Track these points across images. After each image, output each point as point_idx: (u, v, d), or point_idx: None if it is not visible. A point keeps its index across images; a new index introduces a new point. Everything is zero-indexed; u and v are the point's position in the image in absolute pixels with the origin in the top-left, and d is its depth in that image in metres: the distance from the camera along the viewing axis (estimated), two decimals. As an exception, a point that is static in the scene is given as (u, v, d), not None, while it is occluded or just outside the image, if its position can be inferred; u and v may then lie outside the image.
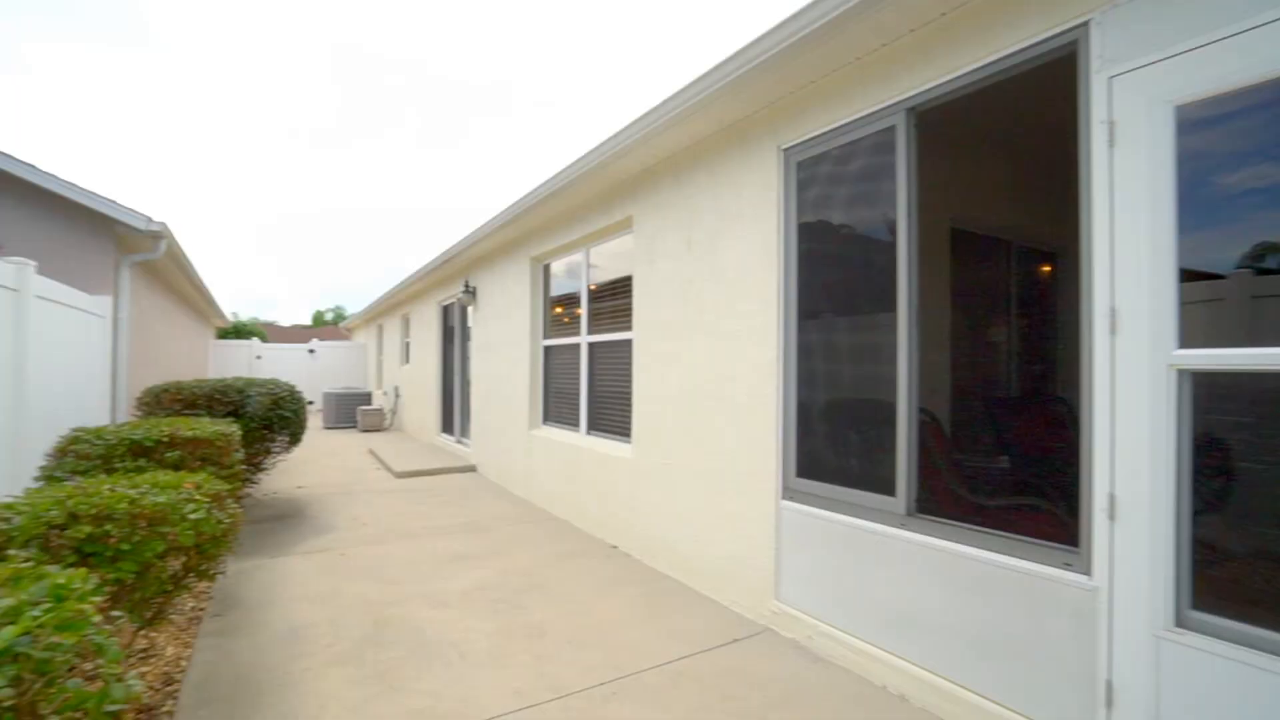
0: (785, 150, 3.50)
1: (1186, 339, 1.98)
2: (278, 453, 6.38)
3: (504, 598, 3.95)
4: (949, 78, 2.68)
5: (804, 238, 3.42)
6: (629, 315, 5.03)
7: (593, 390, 5.84)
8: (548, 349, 6.76)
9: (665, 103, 3.79)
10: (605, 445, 5.44)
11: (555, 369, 6.61)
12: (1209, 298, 2.19)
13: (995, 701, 2.46)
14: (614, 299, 5.50)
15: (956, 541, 2.63)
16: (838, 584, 3.13)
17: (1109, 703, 2.13)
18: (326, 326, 47.16)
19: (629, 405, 4.98)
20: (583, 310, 5.96)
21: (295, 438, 6.49)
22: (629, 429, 4.98)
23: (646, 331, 4.74)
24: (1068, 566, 2.25)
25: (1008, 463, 3.90)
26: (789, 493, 3.42)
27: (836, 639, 3.10)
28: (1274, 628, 1.84)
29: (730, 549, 3.83)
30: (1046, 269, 5.29)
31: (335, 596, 3.96)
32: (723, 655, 3.21)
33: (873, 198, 3.05)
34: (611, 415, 5.50)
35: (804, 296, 3.41)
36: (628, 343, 5.07)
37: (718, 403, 3.95)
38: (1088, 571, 2.19)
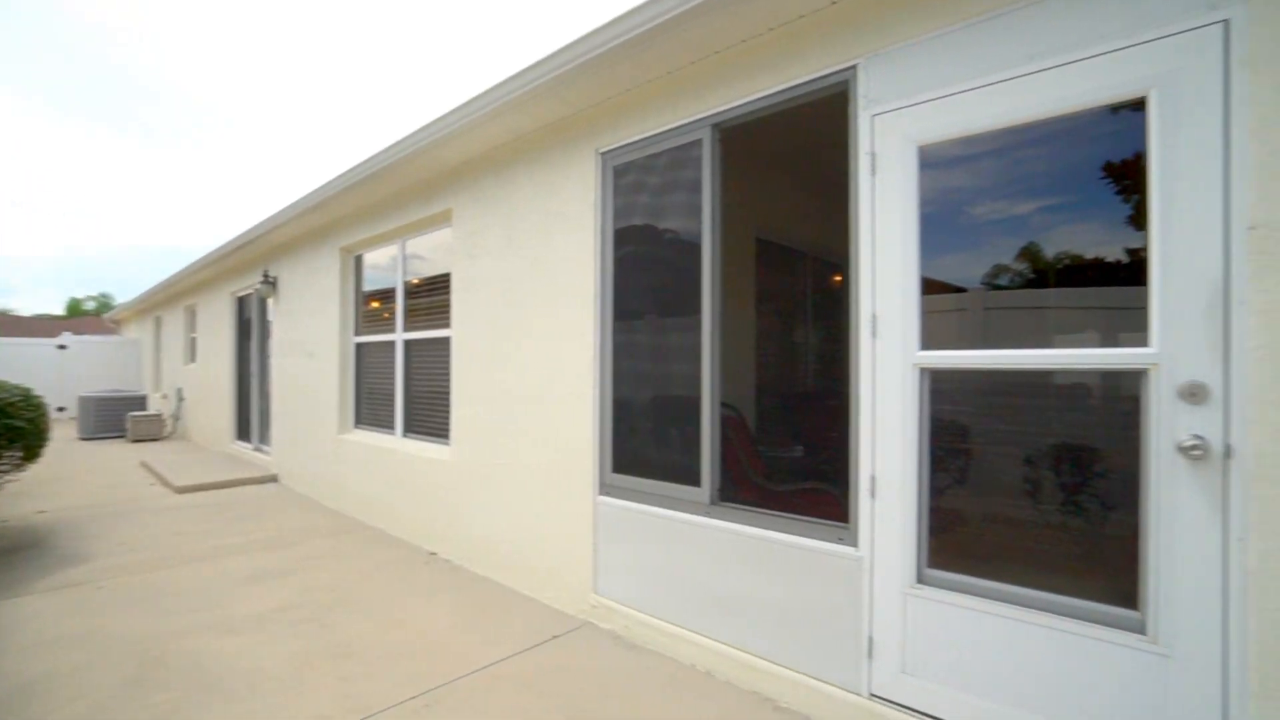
0: (603, 154, 3.59)
1: (934, 343, 2.35)
2: (3, 472, 5.24)
3: (308, 617, 3.61)
4: (750, 99, 2.92)
5: (620, 241, 3.53)
6: (448, 312, 4.84)
7: (410, 390, 5.54)
8: (360, 346, 6.28)
9: (486, 94, 3.70)
10: (423, 448, 5.19)
11: (369, 368, 6.17)
12: (956, 308, 2.61)
13: (785, 666, 2.73)
14: (433, 295, 5.26)
15: (754, 525, 2.88)
16: (651, 573, 3.28)
17: (870, 654, 2.47)
18: (86, 317, 39.65)
19: (448, 406, 4.80)
20: (399, 306, 5.63)
21: (31, 453, 5.37)
22: (448, 430, 4.80)
23: (467, 329, 4.59)
24: (840, 540, 2.57)
25: (801, 451, 4.37)
26: (606, 488, 3.52)
27: (651, 626, 3.25)
28: (990, 578, 2.25)
29: (551, 547, 3.85)
30: (838, 279, 5.99)
31: (90, 638, 3.35)
32: (542, 653, 3.21)
33: (682, 206, 3.23)
34: (430, 416, 5.26)
35: (620, 297, 3.52)
36: (447, 340, 4.88)
37: (538, 402, 3.94)
38: (855, 543, 2.52)
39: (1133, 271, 1.98)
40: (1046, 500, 2.30)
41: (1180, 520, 1.86)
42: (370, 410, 6.14)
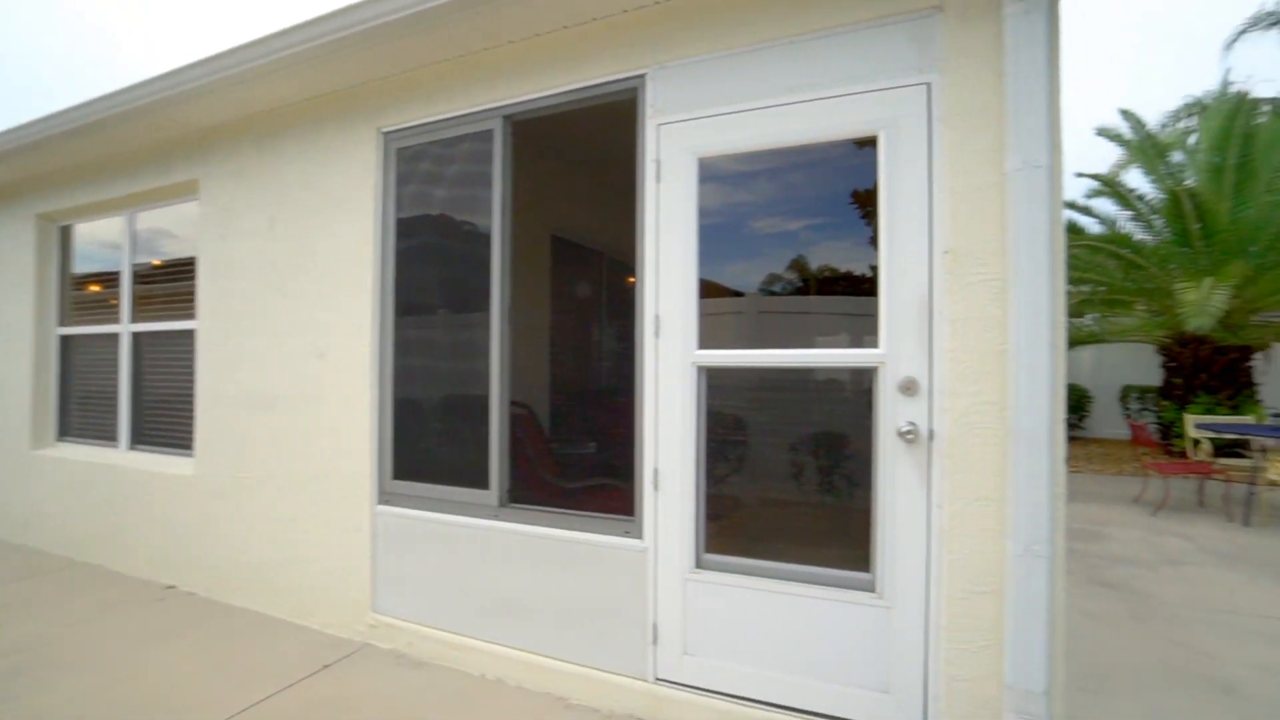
0: (386, 134, 3.32)
1: (714, 342, 2.53)
2: None
3: (-20, 689, 2.82)
4: (543, 94, 2.89)
5: (405, 230, 3.29)
6: (192, 301, 4.12)
7: (140, 394, 4.61)
8: (68, 340, 5.08)
9: (240, 51, 3.20)
10: (158, 462, 4.35)
11: (82, 367, 5.02)
12: (734, 311, 2.84)
13: (576, 663, 2.76)
14: (173, 280, 4.43)
15: (544, 525, 2.86)
16: (437, 584, 3.11)
17: (655, 640, 2.59)
18: None
19: (192, 411, 4.08)
20: (124, 291, 4.65)
21: None
22: (191, 440, 4.08)
23: (217, 321, 3.94)
24: (626, 533, 2.66)
25: (594, 447, 4.47)
26: (386, 496, 3.26)
27: (438, 640, 3.08)
28: (759, 556, 2.49)
29: (321, 565, 3.46)
30: (631, 280, 6.24)
31: None
32: (311, 686, 2.87)
33: (471, 197, 3.10)
34: (167, 424, 4.43)
35: (404, 291, 3.28)
36: (191, 334, 4.14)
37: (306, 404, 3.52)
38: (640, 536, 2.62)
39: (873, 284, 2.32)
40: (807, 482, 2.61)
41: (900, 493, 2.22)
42: (83, 419, 5.00)
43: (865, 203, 2.37)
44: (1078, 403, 10.76)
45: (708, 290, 2.60)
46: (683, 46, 2.58)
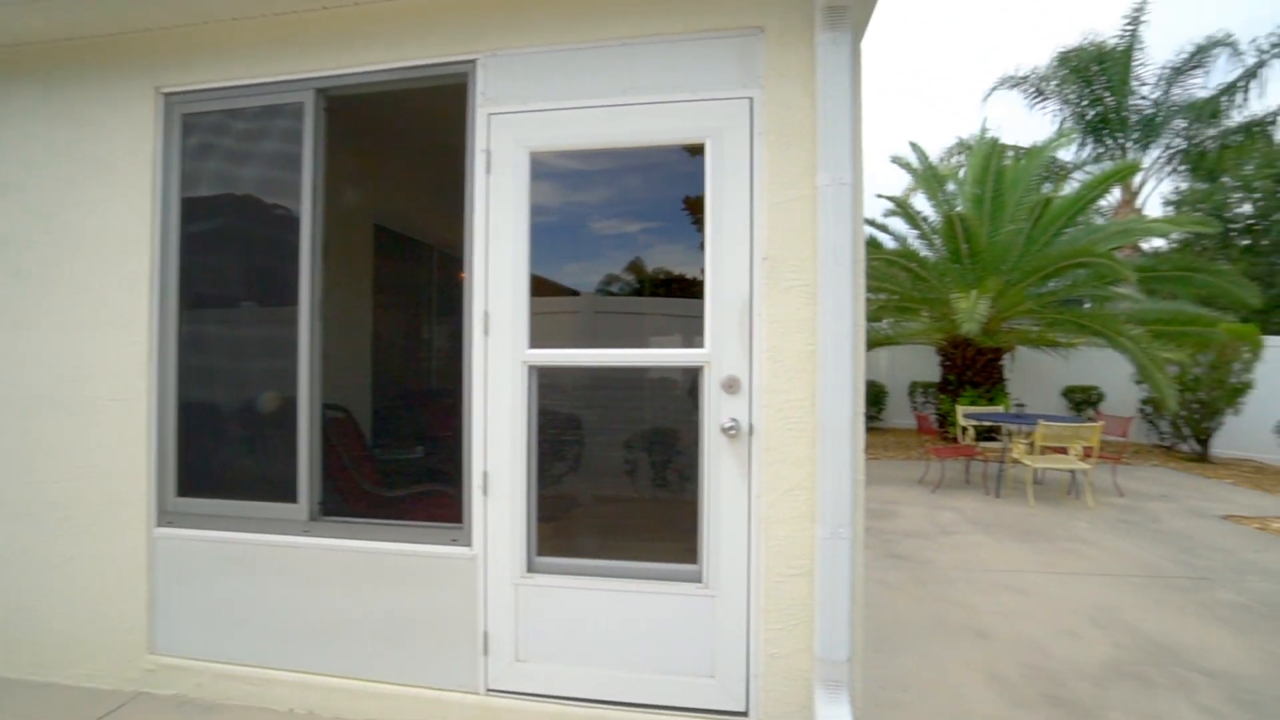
0: (168, 96, 2.84)
1: (549, 341, 2.47)
2: None
3: None
4: (365, 69, 2.65)
5: (196, 211, 2.85)
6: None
7: None
8: None
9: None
10: None
11: None
12: (571, 310, 2.80)
13: (401, 683, 2.56)
14: None
15: (362, 539, 2.62)
16: (235, 613, 2.73)
17: (486, 650, 2.49)
18: None
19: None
20: None
21: None
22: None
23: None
24: (454, 542, 2.53)
25: (422, 452, 4.22)
26: (168, 517, 2.79)
27: (236, 676, 2.70)
28: (593, 556, 2.48)
29: (79, 609, 2.88)
30: (463, 275, 5.98)
31: None
32: (58, 752, 2.38)
33: (279, 179, 2.77)
34: None
35: (191, 280, 2.84)
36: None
37: (58, 411, 2.91)
38: (469, 543, 2.50)
39: (703, 287, 2.40)
40: (639, 479, 2.65)
41: (724, 486, 2.33)
42: None
43: (696, 209, 2.46)
44: (876, 397, 12.21)
45: (544, 289, 2.55)
46: (516, 36, 2.50)
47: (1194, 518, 6.35)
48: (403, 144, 4.68)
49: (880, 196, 11.55)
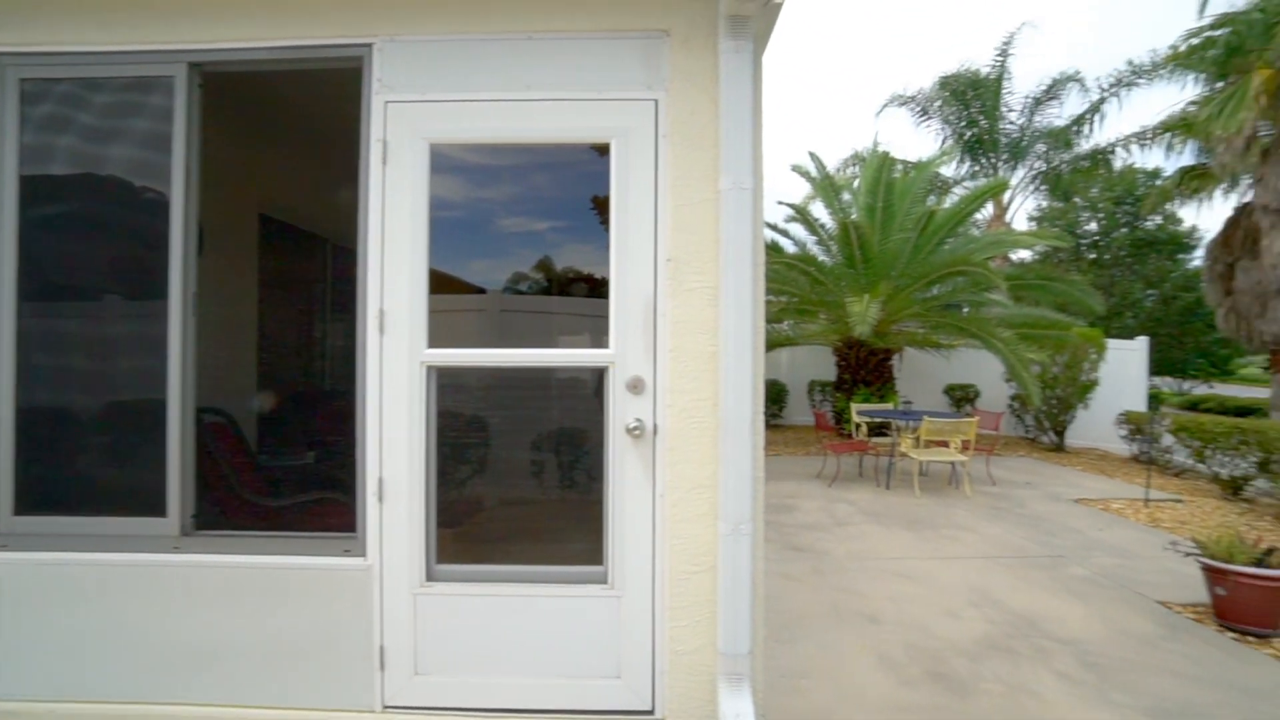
0: (3, 57, 2.50)
1: (453, 340, 2.39)
2: None
3: None
4: (248, 45, 2.45)
5: (40, 192, 2.52)
6: None
7: None
8: None
9: None
10: None
11: None
12: (476, 308, 2.71)
13: (291, 707, 2.39)
14: None
15: (244, 553, 2.42)
16: (91, 644, 2.44)
17: (382, 665, 2.37)
18: None
19: None
20: None
21: None
22: None
23: None
24: (347, 553, 2.38)
25: (313, 458, 3.96)
26: (2, 540, 2.46)
27: (93, 715, 2.42)
28: (498, 561, 2.43)
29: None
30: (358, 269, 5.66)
31: None
32: None
33: (146, 159, 2.51)
34: None
35: (36, 269, 2.51)
36: None
37: None
38: (363, 553, 2.37)
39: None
40: (546, 481, 2.61)
41: (629, 486, 2.34)
42: None
43: (605, 208, 2.45)
44: (777, 396, 12.71)
45: (448, 286, 2.47)
46: (416, 22, 2.40)
47: (1052, 502, 7.05)
48: (293, 129, 4.37)
49: (782, 203, 12.07)
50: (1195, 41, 11.87)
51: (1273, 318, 11.06)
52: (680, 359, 2.29)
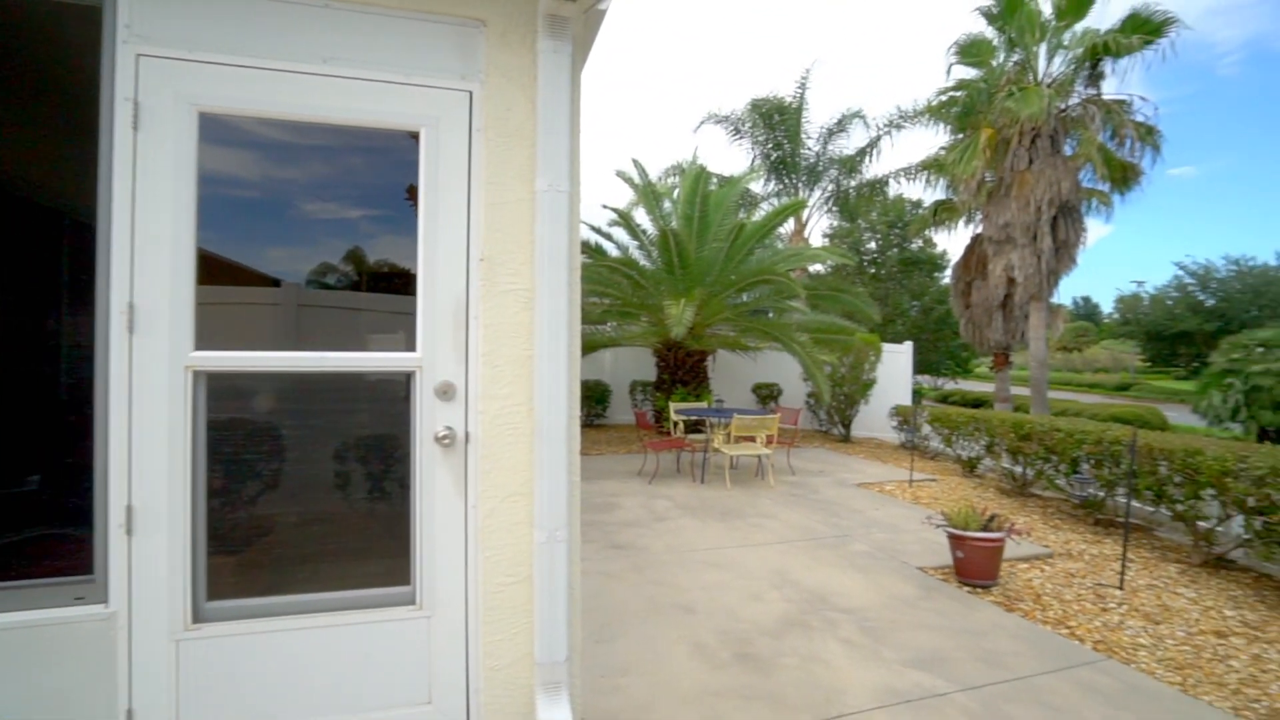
0: None
1: (236, 340, 2.08)
2: None
3: None
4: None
5: None
6: None
7: None
8: None
9: None
10: None
11: None
12: (269, 302, 2.36)
13: (-15, 802, 1.90)
14: None
15: (-79, 612, 1.89)
16: None
17: (131, 730, 1.98)
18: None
19: None
20: None
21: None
22: None
23: None
24: (80, 600, 1.96)
25: (37, 484, 3.22)
26: None
27: None
28: (285, 592, 2.13)
29: None
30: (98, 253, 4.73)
31: None
32: None
33: None
34: None
35: None
36: None
37: None
38: (105, 599, 1.96)
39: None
40: (347, 497, 2.36)
41: (439, 498, 2.19)
42: None
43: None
44: (601, 396, 12.92)
45: (236, 276, 2.17)
46: (178, -35, 2.04)
47: (840, 487, 7.97)
48: (14, 77, 3.52)
49: (606, 207, 12.30)
50: (944, 98, 14.25)
51: (996, 327, 13.58)
52: (493, 363, 2.20)
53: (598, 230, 12.71)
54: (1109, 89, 12.26)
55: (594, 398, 12.61)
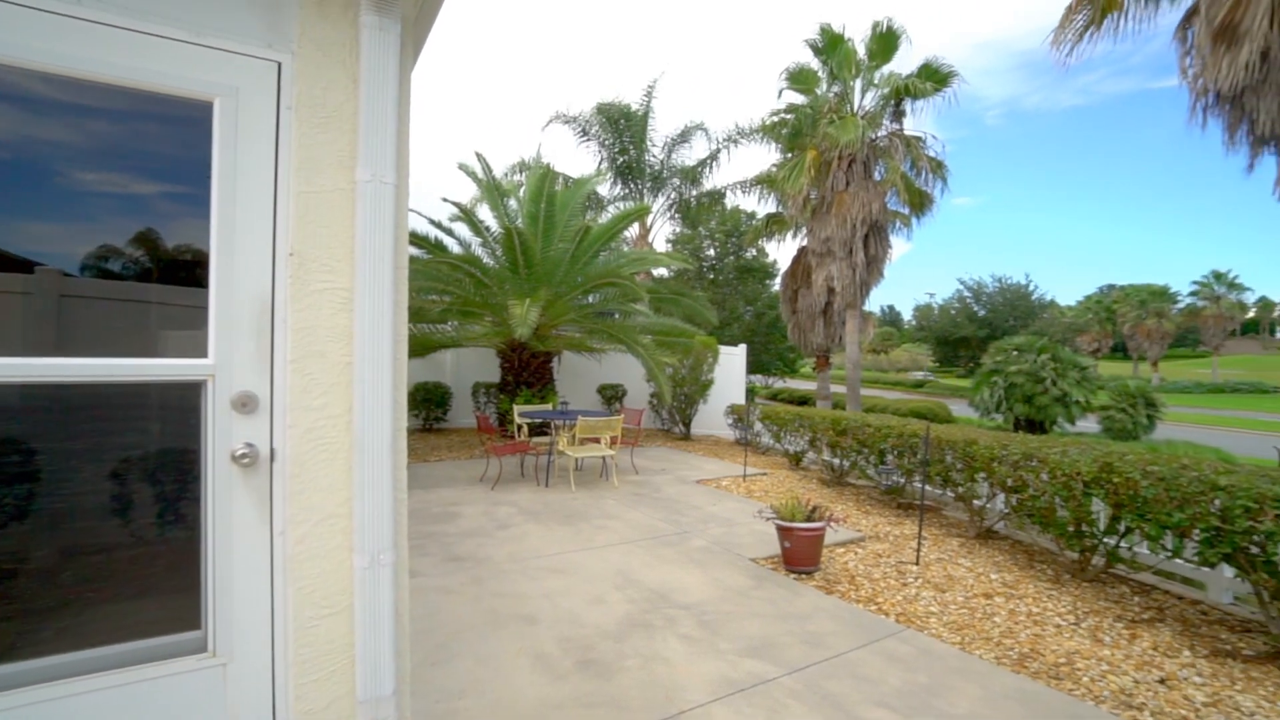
0: None
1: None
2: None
3: None
4: None
5: None
6: None
7: None
8: None
9: None
10: None
11: None
12: (19, 290, 1.89)
13: None
14: None
15: None
16: None
17: None
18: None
19: None
20: None
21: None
22: None
23: None
24: None
25: None
26: None
27: None
28: (13, 657, 1.72)
29: None
30: None
31: None
32: None
33: None
34: None
35: None
36: None
37: None
38: None
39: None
40: (128, 528, 1.96)
41: (237, 527, 1.91)
42: None
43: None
44: (441, 399, 12.30)
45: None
46: None
47: (681, 485, 8.28)
48: None
49: (447, 200, 11.73)
50: (775, 119, 15.44)
51: (818, 331, 14.96)
52: (305, 371, 1.95)
53: (438, 225, 12.09)
54: (909, 126, 14.10)
55: (434, 400, 11.97)
